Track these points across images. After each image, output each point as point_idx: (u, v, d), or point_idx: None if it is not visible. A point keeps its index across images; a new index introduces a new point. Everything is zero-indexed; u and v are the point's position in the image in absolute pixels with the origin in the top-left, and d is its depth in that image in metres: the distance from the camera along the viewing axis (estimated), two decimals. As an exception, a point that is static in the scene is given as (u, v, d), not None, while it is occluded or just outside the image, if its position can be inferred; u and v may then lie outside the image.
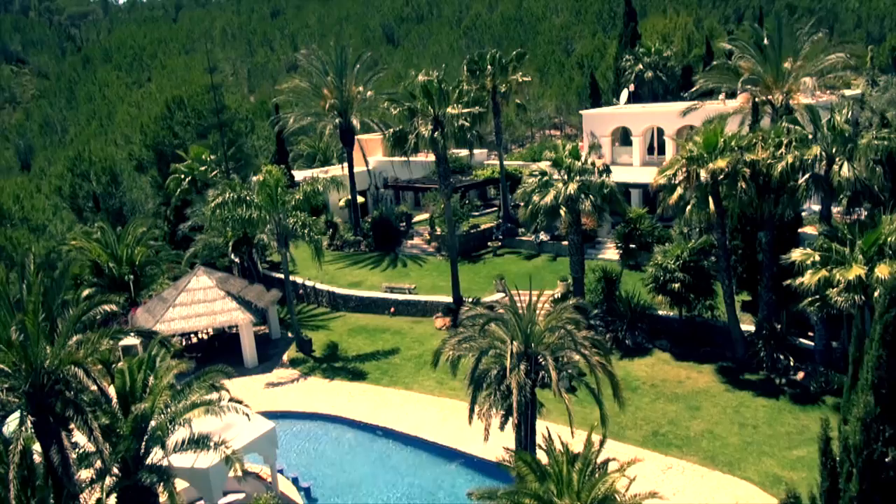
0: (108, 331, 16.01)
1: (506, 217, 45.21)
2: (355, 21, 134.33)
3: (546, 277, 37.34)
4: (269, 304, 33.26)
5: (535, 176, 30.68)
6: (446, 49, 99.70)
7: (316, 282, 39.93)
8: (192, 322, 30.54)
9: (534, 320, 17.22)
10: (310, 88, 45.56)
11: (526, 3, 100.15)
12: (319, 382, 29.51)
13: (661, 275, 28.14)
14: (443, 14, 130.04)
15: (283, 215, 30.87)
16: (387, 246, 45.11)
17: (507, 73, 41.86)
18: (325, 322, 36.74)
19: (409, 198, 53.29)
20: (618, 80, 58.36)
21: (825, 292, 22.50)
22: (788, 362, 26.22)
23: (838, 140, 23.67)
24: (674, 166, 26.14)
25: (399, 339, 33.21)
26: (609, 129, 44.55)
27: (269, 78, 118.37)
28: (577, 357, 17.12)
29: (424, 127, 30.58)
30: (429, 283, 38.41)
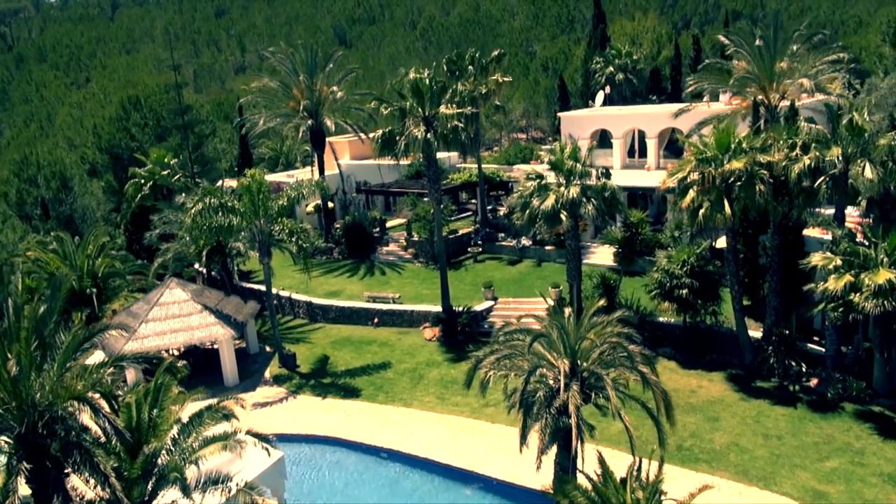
0: (108, 359, 13.87)
1: (484, 221, 43.97)
2: (305, 22, 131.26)
3: (534, 284, 36.22)
4: (248, 318, 31.04)
5: (532, 179, 29.45)
6: (402, 51, 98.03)
7: (292, 292, 37.80)
8: (168, 339, 28.11)
9: (582, 336, 15.85)
10: (279, 88, 43.31)
11: (483, 6, 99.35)
12: (310, 401, 27.51)
13: (667, 281, 27.25)
14: (395, 16, 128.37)
15: (265, 222, 28.75)
16: (360, 253, 43.25)
17: (487, 74, 40.64)
18: (304, 334, 34.65)
19: (380, 202, 51.50)
20: (587, 82, 57.94)
21: (848, 297, 21.92)
22: (800, 368, 25.65)
23: (856, 141, 23.17)
24: (685, 168, 25.25)
25: (388, 351, 31.45)
26: (588, 131, 43.80)
27: (217, 79, 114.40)
28: (629, 374, 15.84)
29: (417, 128, 28.96)
30: (412, 291, 36.77)
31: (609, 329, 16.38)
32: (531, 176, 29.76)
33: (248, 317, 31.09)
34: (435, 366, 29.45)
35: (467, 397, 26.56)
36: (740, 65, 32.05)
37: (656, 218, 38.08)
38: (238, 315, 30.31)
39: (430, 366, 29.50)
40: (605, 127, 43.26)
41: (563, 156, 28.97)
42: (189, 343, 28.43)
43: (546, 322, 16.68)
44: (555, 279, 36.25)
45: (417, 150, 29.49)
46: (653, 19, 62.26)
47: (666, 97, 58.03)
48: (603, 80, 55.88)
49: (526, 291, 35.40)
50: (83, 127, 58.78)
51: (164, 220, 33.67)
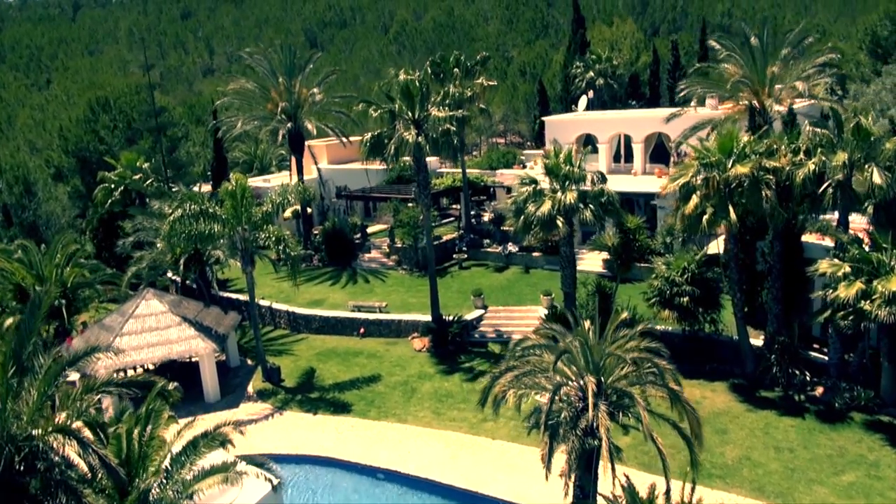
0: (93, 383, 12.46)
1: (468, 227, 42.99)
2: (275, 24, 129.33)
3: (523, 291, 35.35)
4: (229, 330, 29.50)
5: (526, 184, 28.50)
6: (376, 55, 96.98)
7: (272, 301, 36.31)
8: (145, 354, 26.47)
9: (608, 351, 14.88)
10: (257, 90, 41.81)
11: (457, 11, 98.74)
12: (299, 417, 26.11)
13: (667, 288, 26.52)
14: (366, 20, 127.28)
15: (248, 229, 27.32)
16: (341, 260, 41.93)
17: (473, 77, 39.73)
18: (287, 346, 33.20)
19: (359, 208, 50.22)
20: (567, 87, 57.48)
21: (858, 305, 21.38)
22: (804, 377, 25.10)
23: (861, 146, 22.71)
24: (687, 172, 24.55)
25: (377, 363, 30.19)
26: (573, 136, 43.13)
27: (184, 81, 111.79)
28: (656, 391, 14.92)
29: (408, 132, 27.83)
30: (397, 299, 35.57)
31: (632, 343, 15.44)
32: (525, 181, 28.81)
33: (230, 329, 29.56)
34: (427, 378, 28.28)
35: (464, 412, 25.52)
36: (732, 69, 31.66)
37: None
38: (219, 327, 28.77)
39: (423, 378, 28.33)
40: (591, 132, 42.65)
41: (558, 160, 28.08)
42: (168, 358, 26.81)
43: (565, 336, 15.67)
44: (544, 286, 35.39)
45: (408, 154, 28.33)
46: (631, 25, 62.14)
47: (645, 102, 57.91)
48: (583, 84, 55.52)
49: (515, 299, 34.49)
50: (46, 130, 56.39)
51: (137, 226, 31.93)
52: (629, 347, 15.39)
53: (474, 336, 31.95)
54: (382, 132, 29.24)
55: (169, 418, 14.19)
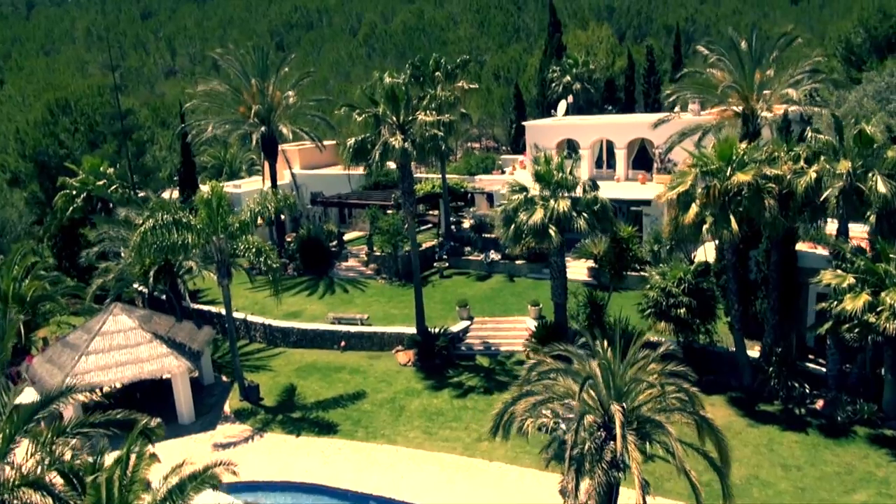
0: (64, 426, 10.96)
1: (448, 235, 41.90)
2: (240, 25, 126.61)
3: (509, 301, 34.36)
4: (203, 346, 27.85)
5: (516, 192, 27.51)
6: (345, 57, 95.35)
7: (247, 313, 34.68)
8: (113, 374, 24.72)
9: (632, 376, 13.88)
10: (229, 92, 40.11)
11: (427, 14, 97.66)
12: (281, 439, 24.62)
13: (663, 300, 25.74)
14: (334, 22, 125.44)
15: (225, 239, 25.77)
16: (317, 269, 40.45)
17: (454, 81, 38.71)
18: (264, 361, 31.64)
19: (334, 214, 48.73)
20: (543, 91, 56.82)
21: (864, 317, 20.82)
22: (804, 390, 24.52)
23: (862, 153, 22.23)
24: (686, 180, 23.79)
25: (361, 379, 28.84)
26: (554, 141, 42.35)
27: (146, 83, 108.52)
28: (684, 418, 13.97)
29: (395, 137, 26.60)
30: (379, 310, 34.26)
31: (653, 365, 14.49)
32: (515, 188, 27.83)
33: (204, 345, 27.91)
34: (415, 395, 27.04)
35: (457, 431, 24.37)
36: (720, 74, 31.16)
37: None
38: (193, 343, 27.12)
39: (410, 395, 27.07)
40: (573, 137, 41.92)
41: (549, 167, 27.15)
42: (138, 378, 25.07)
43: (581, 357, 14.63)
44: (530, 295, 34.48)
45: (394, 160, 27.11)
46: (606, 29, 61.83)
47: (620, 107, 57.58)
48: (560, 89, 54.94)
49: (501, 309, 33.47)
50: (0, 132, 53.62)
51: (102, 236, 30.05)
52: (651, 370, 14.41)
53: (461, 349, 30.83)
54: (366, 137, 27.96)
55: (151, 457, 12.72)
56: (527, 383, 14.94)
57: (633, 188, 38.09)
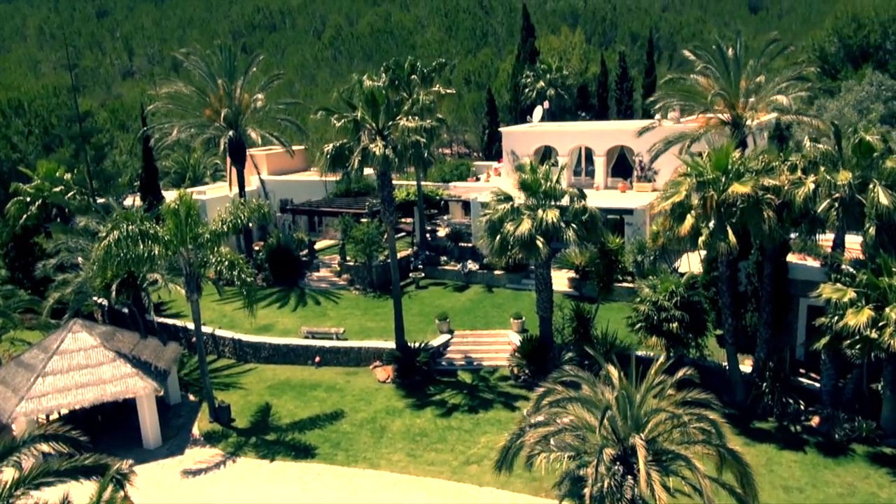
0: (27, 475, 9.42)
1: (423, 244, 40.69)
2: (200, 26, 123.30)
3: (489, 313, 33.29)
4: (171, 365, 26.09)
5: (502, 201, 26.47)
6: (310, 60, 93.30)
7: (215, 327, 32.94)
8: (73, 396, 22.86)
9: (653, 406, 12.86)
10: (194, 94, 38.28)
11: (395, 16, 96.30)
12: (255, 465, 23.04)
13: (654, 314, 24.93)
14: (297, 24, 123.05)
15: (194, 251, 24.13)
16: (288, 279, 38.88)
17: (430, 85, 37.51)
18: (234, 378, 29.98)
19: (303, 222, 47.09)
20: (517, 96, 55.98)
21: (865, 333, 20.27)
22: (799, 406, 23.97)
23: (861, 163, 21.74)
24: (680, 190, 23.02)
25: (338, 397, 27.41)
26: (532, 148, 41.44)
27: (102, 84, 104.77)
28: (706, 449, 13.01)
29: (375, 144, 25.32)
30: (354, 324, 32.86)
31: (670, 391, 13.52)
32: (500, 197, 26.79)
33: (171, 363, 26.16)
34: (396, 414, 25.72)
35: (443, 453, 23.14)
36: (705, 81, 30.67)
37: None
38: (159, 362, 25.37)
39: (391, 414, 25.75)
40: (550, 144, 41.08)
41: (536, 176, 26.19)
42: (100, 401, 23.24)
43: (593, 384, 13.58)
44: (510, 307, 33.49)
45: (375, 167, 25.84)
46: (580, 35, 61.39)
47: (594, 114, 57.10)
48: (534, 94, 54.15)
49: (482, 322, 32.38)
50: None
51: (60, 246, 28.06)
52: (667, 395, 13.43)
53: (441, 364, 29.63)
54: (344, 143, 26.62)
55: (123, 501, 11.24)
56: (538, 412, 13.76)
57: (613, 196, 37.39)
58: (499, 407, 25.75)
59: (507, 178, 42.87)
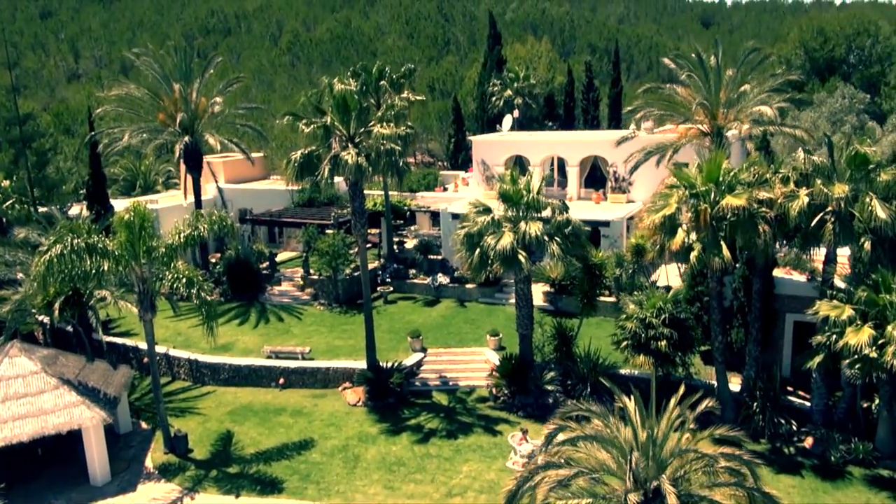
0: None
1: (391, 256, 39.05)
2: (151, 29, 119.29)
3: (463, 329, 31.82)
4: (121, 390, 23.82)
5: (482, 213, 25.06)
6: (267, 65, 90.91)
7: (169, 347, 30.64)
8: (10, 430, 20.44)
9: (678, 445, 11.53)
10: (147, 97, 35.95)
11: (355, 23, 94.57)
12: (217, 502, 20.99)
13: (642, 331, 23.78)
14: (253, 29, 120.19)
15: (148, 267, 22.03)
16: (247, 293, 36.74)
17: (400, 91, 36.04)
18: (191, 403, 27.78)
19: (262, 233, 44.96)
20: (483, 105, 54.91)
21: (864, 352, 19.44)
22: (791, 426, 23.08)
23: (855, 176, 21.01)
24: (670, 202, 21.96)
25: (305, 423, 25.50)
26: (503, 157, 40.28)
27: (45, 86, 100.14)
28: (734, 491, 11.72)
29: (347, 152, 23.65)
30: (321, 342, 31.00)
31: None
32: (479, 209, 25.39)
33: (122, 389, 23.88)
34: (370, 441, 23.95)
35: (422, 484, 21.49)
36: (685, 91, 29.95)
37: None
38: (108, 388, 23.09)
39: (365, 441, 23.97)
40: (523, 153, 39.97)
41: (518, 186, 24.86)
42: (41, 434, 20.87)
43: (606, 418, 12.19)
44: (484, 322, 32.14)
45: (347, 176, 24.16)
46: (546, 44, 60.70)
47: (560, 124, 56.44)
48: (501, 103, 53.20)
49: (456, 339, 30.88)
50: None
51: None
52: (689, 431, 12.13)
53: (415, 384, 27.99)
54: (313, 151, 24.86)
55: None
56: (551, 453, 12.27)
57: (587, 208, 36.35)
58: (479, 431, 24.23)
59: (477, 187, 41.61)
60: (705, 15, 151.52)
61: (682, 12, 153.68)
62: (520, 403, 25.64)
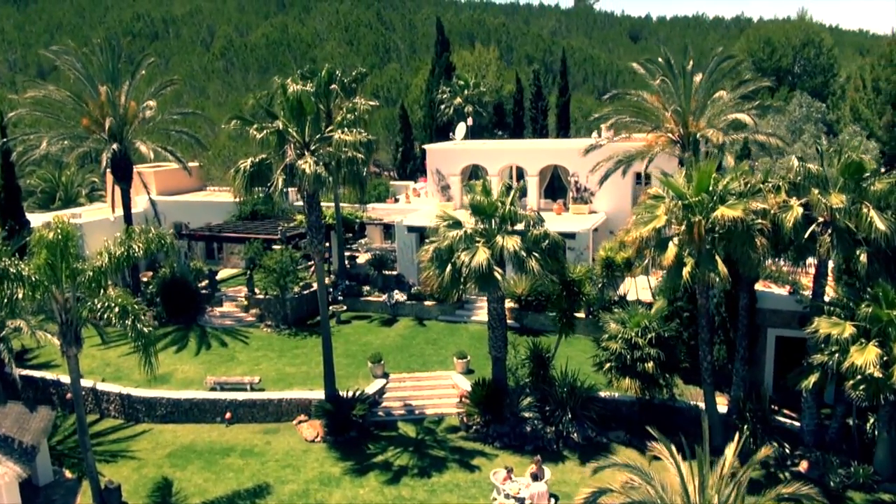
0: None
1: (342, 273, 36.53)
2: (71, 32, 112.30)
3: (425, 351, 29.62)
4: (41, 438, 20.51)
5: (453, 227, 22.97)
6: (199, 71, 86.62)
7: (96, 379, 27.28)
8: None
9: None
10: (69, 100, 32.40)
11: (292, 29, 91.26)
12: (158, 568, 18.09)
13: (627, 353, 22.14)
14: (182, 33, 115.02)
15: (73, 294, 18.95)
16: (184, 316, 33.51)
17: (352, 96, 33.61)
18: (123, 444, 24.55)
19: (199, 249, 41.64)
20: (432, 113, 52.92)
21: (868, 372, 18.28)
22: (783, 450, 21.83)
23: (849, 185, 19.95)
24: (658, 214, 20.41)
25: (258, 464, 22.71)
26: (459, 167, 38.39)
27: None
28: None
29: (306, 160, 21.18)
30: (271, 369, 28.22)
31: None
32: (449, 222, 23.29)
33: (41, 435, 20.57)
34: (334, 484, 21.38)
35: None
36: (653, 98, 28.75)
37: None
38: (24, 435, 19.80)
39: (327, 485, 21.38)
40: (480, 163, 38.12)
41: (491, 198, 22.92)
42: (-59, 496, 17.54)
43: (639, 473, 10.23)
44: (447, 343, 30.11)
45: (306, 187, 21.68)
46: (494, 51, 59.28)
47: (510, 133, 55.01)
48: (451, 111, 51.37)
49: (419, 362, 28.63)
50: None
51: None
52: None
53: (378, 414, 25.55)
54: (265, 159, 22.28)
55: None
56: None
57: (550, 219, 34.50)
58: (454, 467, 22.02)
59: (431, 198, 39.58)
60: (633, 29, 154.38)
61: (612, 27, 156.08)
62: (495, 433, 23.58)
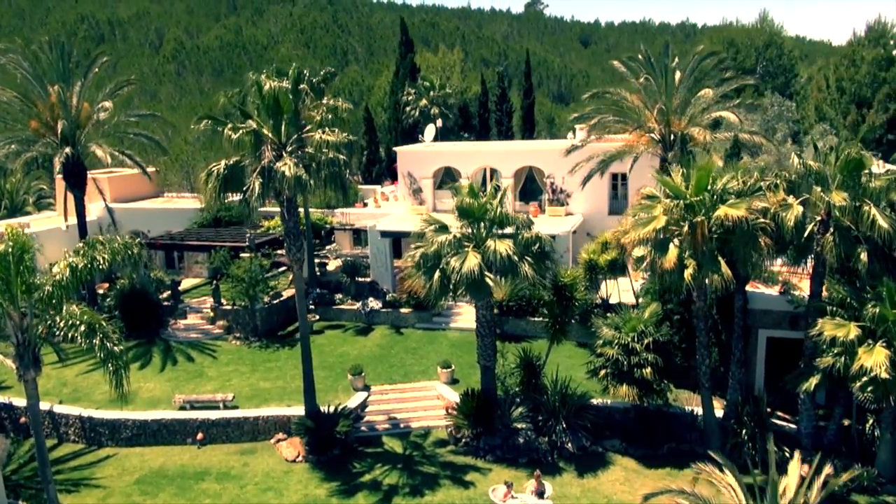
0: None
1: (312, 280, 35.04)
2: (11, 34, 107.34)
3: (406, 360, 28.46)
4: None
5: (441, 232, 21.89)
6: (149, 74, 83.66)
7: (54, 401, 25.28)
8: None
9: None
10: (16, 101, 30.23)
11: (247, 31, 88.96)
12: None
13: (625, 359, 21.38)
14: (129, 36, 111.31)
15: (30, 312, 17.19)
16: (146, 329, 31.57)
17: (321, 96, 32.21)
18: (85, 471, 22.68)
19: (159, 258, 39.57)
20: (397, 115, 51.82)
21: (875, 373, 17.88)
22: (783, 454, 21.29)
23: (848, 183, 19.58)
24: (657, 215, 19.70)
25: (236, 489, 21.17)
26: (431, 169, 37.31)
27: None
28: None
29: (285, 162, 19.83)
30: (243, 385, 26.64)
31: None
32: (436, 227, 22.21)
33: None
34: (320, 507, 20.06)
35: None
36: (633, 97, 28.24)
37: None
38: (-23, 467, 17.91)
39: (313, 508, 20.04)
40: (453, 165, 37.10)
41: (480, 200, 21.92)
42: None
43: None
44: (426, 351, 29.06)
45: (285, 191, 20.32)
46: (458, 53, 58.49)
47: (476, 135, 54.29)
48: (416, 113, 50.40)
49: (400, 372, 27.42)
50: None
51: None
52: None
53: (361, 430, 24.25)
54: (239, 162, 20.84)
55: None
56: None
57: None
58: (447, 484, 20.89)
59: (403, 201, 38.41)
60: (583, 34, 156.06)
61: (563, 32, 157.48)
62: (486, 446, 22.53)
